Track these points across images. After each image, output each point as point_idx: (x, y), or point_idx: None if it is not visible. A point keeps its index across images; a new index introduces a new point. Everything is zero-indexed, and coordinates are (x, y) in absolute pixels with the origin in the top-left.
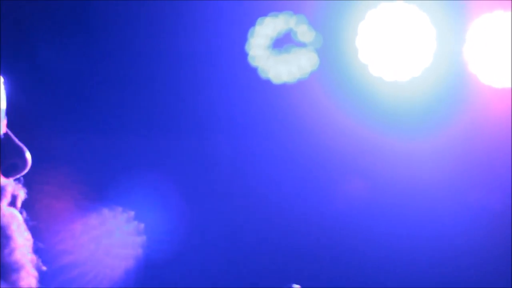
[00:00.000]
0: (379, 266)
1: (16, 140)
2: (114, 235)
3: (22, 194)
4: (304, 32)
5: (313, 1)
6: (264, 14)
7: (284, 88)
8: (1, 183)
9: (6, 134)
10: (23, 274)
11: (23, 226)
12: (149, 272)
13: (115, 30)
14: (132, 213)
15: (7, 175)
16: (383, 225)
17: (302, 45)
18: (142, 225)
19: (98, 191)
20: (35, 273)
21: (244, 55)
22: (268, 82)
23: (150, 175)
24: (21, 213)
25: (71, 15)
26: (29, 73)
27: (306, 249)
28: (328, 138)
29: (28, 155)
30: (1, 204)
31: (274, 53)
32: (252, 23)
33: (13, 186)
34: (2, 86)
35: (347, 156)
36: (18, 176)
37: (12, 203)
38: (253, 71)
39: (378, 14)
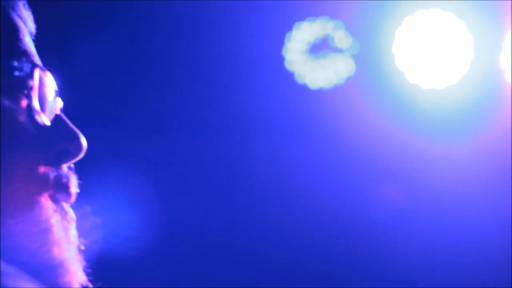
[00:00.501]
0: (416, 270)
1: (69, 124)
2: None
3: (74, 182)
4: (341, 37)
5: (351, 6)
6: (301, 19)
7: (320, 93)
8: (43, 170)
9: (57, 118)
10: (62, 271)
11: (68, 220)
12: (117, 269)
13: (158, 31)
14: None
15: (57, 161)
16: (419, 230)
17: (339, 50)
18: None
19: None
20: (78, 270)
21: (281, 59)
22: (304, 87)
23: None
24: (73, 205)
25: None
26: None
27: (344, 254)
28: (363, 144)
29: (83, 140)
30: (42, 197)
31: (310, 58)
32: (289, 28)
33: (62, 174)
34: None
35: (382, 162)
36: (69, 163)
37: (60, 193)
38: (290, 76)
39: (416, 21)
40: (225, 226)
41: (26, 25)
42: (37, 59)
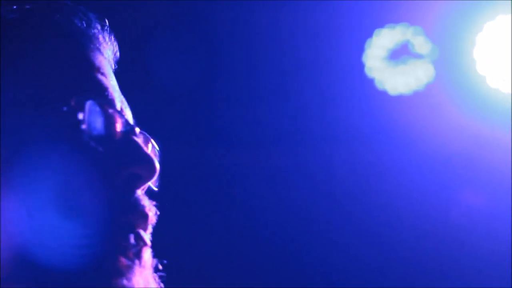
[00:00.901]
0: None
1: (141, 148)
2: None
3: (151, 208)
4: (420, 43)
5: (430, 12)
6: (381, 25)
7: (400, 99)
8: (115, 206)
9: (128, 140)
10: None
11: (143, 252)
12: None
13: (233, 37)
14: None
15: (128, 188)
16: (502, 234)
17: (418, 56)
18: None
19: None
20: None
21: (361, 66)
22: (384, 93)
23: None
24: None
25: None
26: None
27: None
28: (444, 149)
29: (155, 163)
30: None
31: (390, 65)
32: (369, 34)
33: (138, 201)
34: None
35: (464, 167)
36: (142, 187)
37: (139, 220)
38: (370, 82)
39: (496, 25)
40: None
41: (104, 55)
42: (111, 92)
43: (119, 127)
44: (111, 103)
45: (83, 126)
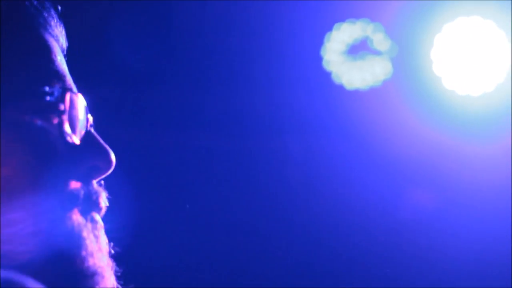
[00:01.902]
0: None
1: (100, 141)
2: None
3: (103, 197)
4: (380, 40)
5: (391, 10)
6: (342, 19)
7: (356, 94)
8: (75, 187)
9: (88, 135)
10: (98, 279)
11: (98, 228)
12: None
13: (190, 31)
14: None
15: (87, 178)
16: (452, 232)
17: (377, 53)
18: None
19: None
20: (112, 277)
21: (319, 59)
22: (340, 88)
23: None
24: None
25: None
26: None
27: (366, 255)
28: (397, 146)
29: (112, 156)
30: (73, 213)
31: (348, 59)
32: (329, 28)
33: (92, 191)
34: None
35: (415, 165)
36: (98, 178)
37: (90, 208)
38: (327, 75)
39: (455, 27)
40: (224, 225)
41: (58, 43)
42: (68, 79)
43: (82, 117)
44: (73, 92)
45: (58, 116)
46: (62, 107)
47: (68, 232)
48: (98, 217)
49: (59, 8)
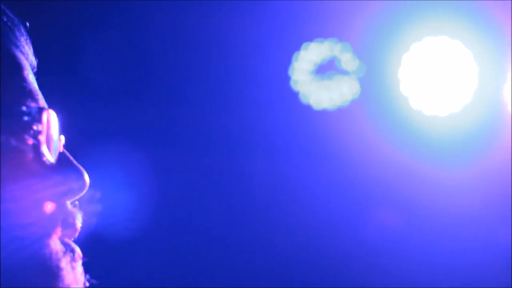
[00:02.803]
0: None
1: (74, 162)
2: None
3: (79, 218)
4: (348, 60)
5: (359, 30)
6: (310, 39)
7: (324, 114)
8: (51, 215)
9: (62, 156)
10: None
11: (76, 259)
12: (113, 250)
13: (159, 50)
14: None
15: (61, 199)
16: (419, 255)
17: (345, 72)
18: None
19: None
20: None
21: (287, 78)
22: (308, 107)
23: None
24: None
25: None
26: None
27: (340, 275)
28: (364, 166)
29: (86, 178)
30: (51, 241)
31: (316, 79)
32: (297, 48)
33: (68, 213)
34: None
35: (382, 186)
36: (73, 199)
37: (66, 231)
38: (294, 95)
39: (423, 47)
40: (222, 216)
41: (28, 60)
42: (40, 97)
43: (56, 137)
44: (49, 111)
45: (35, 136)
46: (39, 127)
47: (45, 261)
48: (77, 248)
49: (28, 24)
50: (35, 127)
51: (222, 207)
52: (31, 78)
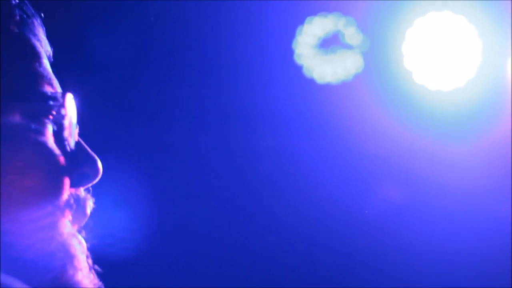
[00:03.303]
0: (415, 269)
1: (88, 150)
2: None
3: (90, 205)
4: (351, 34)
5: (363, 4)
6: (314, 13)
7: (327, 88)
8: (66, 197)
9: (78, 143)
10: None
11: (84, 246)
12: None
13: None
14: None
15: (77, 185)
16: (423, 230)
17: (348, 47)
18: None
19: None
20: None
21: (291, 52)
22: (311, 81)
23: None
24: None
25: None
26: None
27: (344, 250)
28: (367, 141)
29: (99, 165)
30: (65, 221)
31: (320, 53)
32: (301, 22)
33: (80, 197)
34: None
35: (385, 160)
36: (86, 186)
37: (77, 216)
38: (298, 69)
39: (427, 22)
40: (223, 226)
41: (45, 48)
42: (57, 84)
43: (74, 123)
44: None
45: (59, 121)
46: (63, 111)
47: (59, 241)
48: (80, 236)
49: (42, 16)
50: (60, 111)
51: (222, 221)
52: (48, 67)
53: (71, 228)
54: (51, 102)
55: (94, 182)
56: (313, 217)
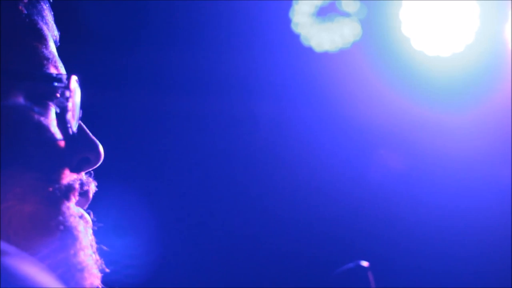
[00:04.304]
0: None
1: (90, 134)
2: None
3: (93, 188)
4: (348, 1)
5: None
6: None
7: (325, 56)
8: (70, 180)
9: (79, 127)
10: (86, 274)
11: (90, 226)
12: None
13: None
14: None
15: (78, 169)
16: (418, 196)
17: (346, 14)
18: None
19: None
20: (98, 274)
21: (288, 21)
22: (309, 50)
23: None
24: (88, 211)
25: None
26: None
27: (343, 217)
28: (366, 108)
29: (101, 149)
30: (70, 204)
31: (317, 21)
32: None
33: (83, 181)
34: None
35: (384, 127)
36: (88, 170)
37: (80, 199)
38: (296, 37)
39: None
40: (227, 250)
41: (52, 32)
42: (62, 67)
43: (77, 106)
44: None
45: (64, 103)
46: (68, 93)
47: (65, 222)
48: (87, 214)
49: (51, 0)
50: (64, 93)
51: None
52: (53, 50)
53: (76, 210)
54: (56, 84)
55: (95, 166)
56: (313, 186)
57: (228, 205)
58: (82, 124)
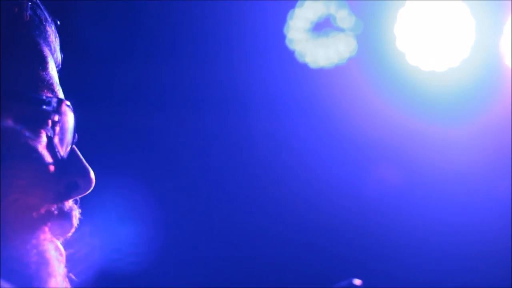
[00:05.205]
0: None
1: (82, 159)
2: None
3: (76, 216)
4: (344, 17)
5: None
6: None
7: (321, 72)
8: (51, 202)
9: (71, 152)
10: None
11: (61, 254)
12: (117, 285)
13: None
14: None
15: (66, 195)
16: (415, 211)
17: (341, 30)
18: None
19: None
20: None
21: (282, 37)
22: (305, 66)
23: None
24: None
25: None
26: None
27: (340, 230)
28: (362, 124)
29: (92, 176)
30: (45, 227)
31: (312, 37)
32: (292, 6)
33: (64, 207)
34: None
35: (380, 143)
36: (77, 196)
37: (61, 225)
38: (290, 54)
39: (419, 3)
40: (227, 238)
41: (54, 56)
42: (58, 89)
43: (70, 131)
44: (67, 104)
45: (52, 127)
46: (56, 117)
47: (36, 246)
48: (59, 244)
49: (58, 22)
50: (53, 117)
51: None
52: (53, 72)
53: (50, 236)
54: (44, 107)
55: (86, 193)
56: (309, 201)
57: (228, 206)
58: (75, 148)
